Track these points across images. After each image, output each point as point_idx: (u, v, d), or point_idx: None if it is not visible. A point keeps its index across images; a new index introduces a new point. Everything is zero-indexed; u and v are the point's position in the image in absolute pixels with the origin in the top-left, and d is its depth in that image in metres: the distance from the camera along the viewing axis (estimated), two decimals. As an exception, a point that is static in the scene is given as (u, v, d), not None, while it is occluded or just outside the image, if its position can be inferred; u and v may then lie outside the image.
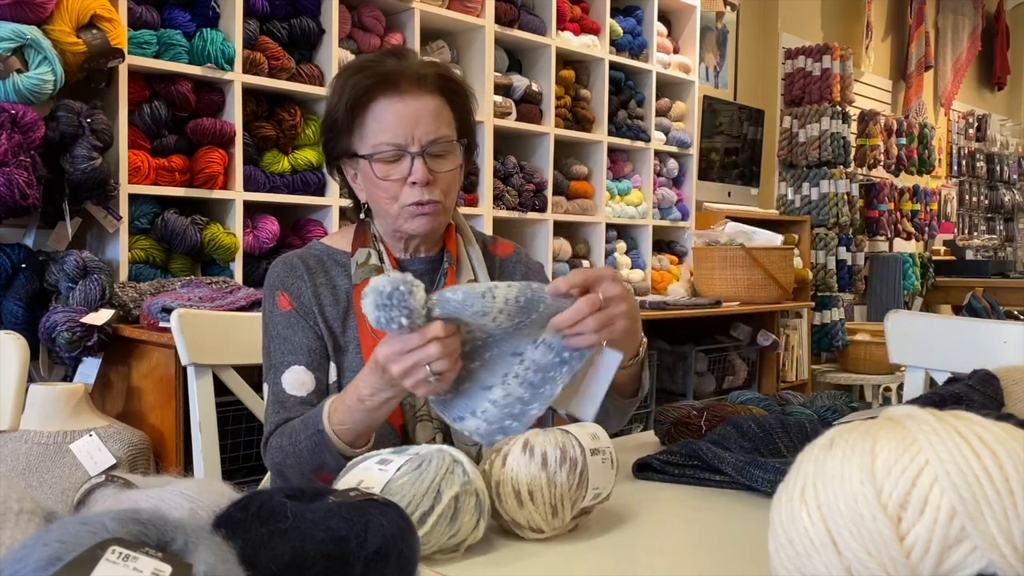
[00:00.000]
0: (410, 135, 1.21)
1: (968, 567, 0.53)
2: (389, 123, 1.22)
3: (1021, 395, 1.30)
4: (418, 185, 1.22)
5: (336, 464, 1.08)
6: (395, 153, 1.22)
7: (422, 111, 1.22)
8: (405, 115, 1.21)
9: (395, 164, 1.23)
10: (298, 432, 1.14)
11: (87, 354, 2.20)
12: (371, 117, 1.23)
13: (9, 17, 2.10)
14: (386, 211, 1.26)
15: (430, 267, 1.33)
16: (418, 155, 1.22)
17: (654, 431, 1.44)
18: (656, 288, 3.99)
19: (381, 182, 1.23)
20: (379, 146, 1.22)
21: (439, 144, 1.23)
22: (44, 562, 0.49)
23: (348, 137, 1.26)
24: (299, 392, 1.23)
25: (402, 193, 1.23)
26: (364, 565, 0.65)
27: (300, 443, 1.12)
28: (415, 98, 1.22)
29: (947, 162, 7.07)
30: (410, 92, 1.22)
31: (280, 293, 1.28)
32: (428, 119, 1.22)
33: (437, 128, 1.23)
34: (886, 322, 1.83)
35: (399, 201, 1.24)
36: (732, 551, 0.93)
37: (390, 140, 1.22)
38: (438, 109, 1.24)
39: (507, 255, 1.42)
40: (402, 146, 1.22)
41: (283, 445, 1.16)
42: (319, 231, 2.79)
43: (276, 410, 1.23)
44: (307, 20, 2.77)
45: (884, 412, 0.62)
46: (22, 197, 2.04)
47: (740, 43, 5.02)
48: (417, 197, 1.22)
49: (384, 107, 1.22)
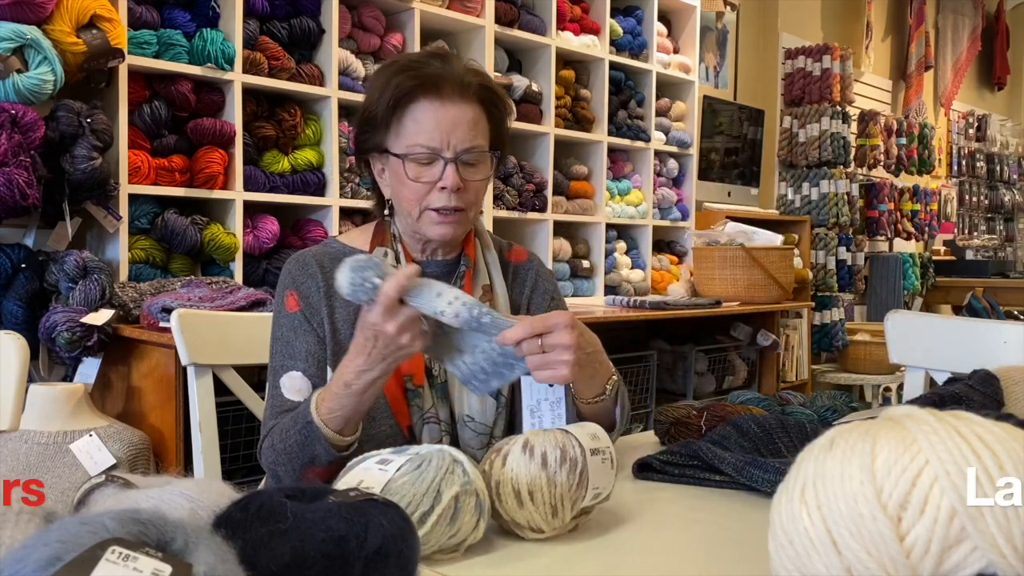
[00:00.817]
0: (446, 140, 1.22)
1: (968, 567, 0.53)
2: (427, 126, 1.22)
3: (1021, 395, 1.30)
4: (447, 191, 1.22)
5: (327, 455, 1.09)
6: (429, 156, 1.22)
7: (460, 118, 1.23)
8: (444, 120, 1.22)
9: (427, 167, 1.23)
10: (288, 428, 1.15)
11: (87, 354, 2.20)
12: (410, 117, 1.23)
13: (9, 17, 2.10)
14: (409, 212, 1.26)
15: (447, 270, 1.33)
16: (451, 161, 1.22)
17: (654, 431, 1.44)
18: (656, 288, 3.99)
19: (411, 183, 1.24)
20: (414, 147, 1.23)
21: (473, 153, 1.24)
22: (44, 562, 0.49)
23: (384, 133, 1.26)
24: (295, 397, 1.24)
25: (429, 196, 1.24)
26: (364, 565, 0.65)
27: (290, 438, 1.13)
28: (455, 105, 1.23)
29: (947, 162, 7.07)
30: (451, 98, 1.22)
31: (290, 292, 1.28)
32: (465, 127, 1.23)
33: (473, 137, 1.23)
34: (886, 322, 1.83)
35: (424, 203, 1.24)
36: (732, 551, 0.93)
37: (426, 143, 1.22)
38: (476, 118, 1.24)
39: (520, 262, 1.42)
40: (437, 150, 1.22)
41: (275, 444, 1.17)
42: (319, 231, 2.79)
43: (272, 414, 1.24)
44: (307, 20, 2.77)
45: (884, 412, 0.62)
46: (22, 197, 2.04)
47: (740, 43, 5.02)
48: (444, 202, 1.23)
49: (424, 109, 1.22)
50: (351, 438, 1.11)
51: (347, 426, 1.10)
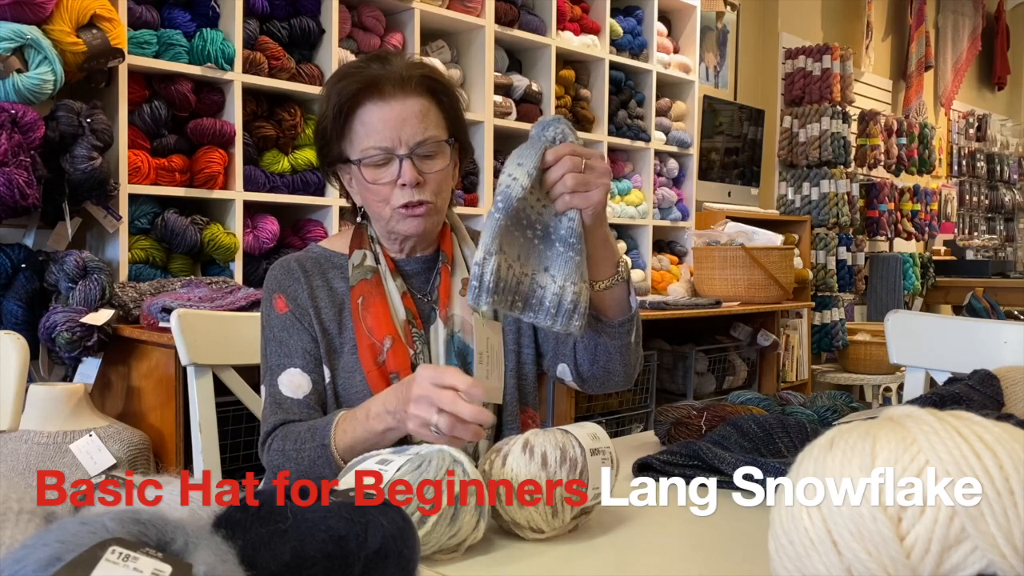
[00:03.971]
0: (396, 138, 1.22)
1: (968, 567, 0.53)
2: (376, 127, 1.23)
3: (1021, 395, 1.30)
4: (408, 187, 1.23)
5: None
6: (384, 156, 1.23)
7: (407, 113, 1.23)
8: (390, 118, 1.22)
9: (384, 167, 1.24)
10: (303, 440, 1.15)
11: (87, 354, 2.20)
12: (358, 122, 1.24)
13: (9, 17, 2.10)
14: (379, 214, 1.27)
15: (426, 267, 1.33)
16: (406, 157, 1.22)
17: (654, 431, 1.44)
18: (656, 288, 3.99)
19: (371, 186, 1.24)
20: (367, 151, 1.23)
21: (427, 145, 1.24)
22: (44, 562, 0.49)
23: (339, 143, 1.27)
24: (295, 394, 1.24)
25: (393, 195, 1.24)
26: (364, 565, 0.65)
27: (304, 451, 1.14)
28: (399, 101, 1.23)
29: (947, 162, 7.07)
30: (394, 95, 1.23)
31: (277, 296, 1.29)
32: (414, 120, 1.23)
33: (424, 129, 1.23)
34: (886, 322, 1.83)
35: (390, 203, 1.24)
36: (732, 551, 0.93)
37: (377, 144, 1.23)
38: (424, 110, 1.24)
39: None
40: (389, 149, 1.23)
41: (285, 449, 1.17)
42: (319, 231, 2.79)
43: (274, 411, 1.24)
44: (307, 20, 2.77)
45: (884, 412, 0.62)
46: (22, 197, 2.04)
47: (740, 43, 5.02)
48: (407, 198, 1.23)
49: (369, 111, 1.23)
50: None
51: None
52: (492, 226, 1.02)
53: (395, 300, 1.28)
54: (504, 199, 1.02)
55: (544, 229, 1.08)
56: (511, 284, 1.05)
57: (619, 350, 1.22)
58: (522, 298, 1.06)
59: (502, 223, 1.02)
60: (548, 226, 1.08)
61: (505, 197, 1.02)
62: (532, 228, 1.08)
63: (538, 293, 1.07)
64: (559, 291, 1.06)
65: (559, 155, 1.04)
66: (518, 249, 1.07)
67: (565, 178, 1.04)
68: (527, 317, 1.08)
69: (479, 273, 1.02)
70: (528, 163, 1.03)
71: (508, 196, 1.02)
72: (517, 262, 1.06)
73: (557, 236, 1.07)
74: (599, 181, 1.06)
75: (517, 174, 1.02)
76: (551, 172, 1.05)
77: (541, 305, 1.07)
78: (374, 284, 1.28)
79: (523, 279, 1.06)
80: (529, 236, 1.08)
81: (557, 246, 1.07)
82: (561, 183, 1.04)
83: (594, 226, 1.10)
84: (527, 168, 1.03)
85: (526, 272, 1.07)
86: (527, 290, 1.07)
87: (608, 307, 1.19)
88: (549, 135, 1.06)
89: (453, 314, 1.29)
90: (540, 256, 1.08)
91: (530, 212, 1.07)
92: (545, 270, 1.08)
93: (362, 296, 1.27)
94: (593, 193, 1.06)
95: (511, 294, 1.05)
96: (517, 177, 1.02)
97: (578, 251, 1.07)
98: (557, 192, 1.05)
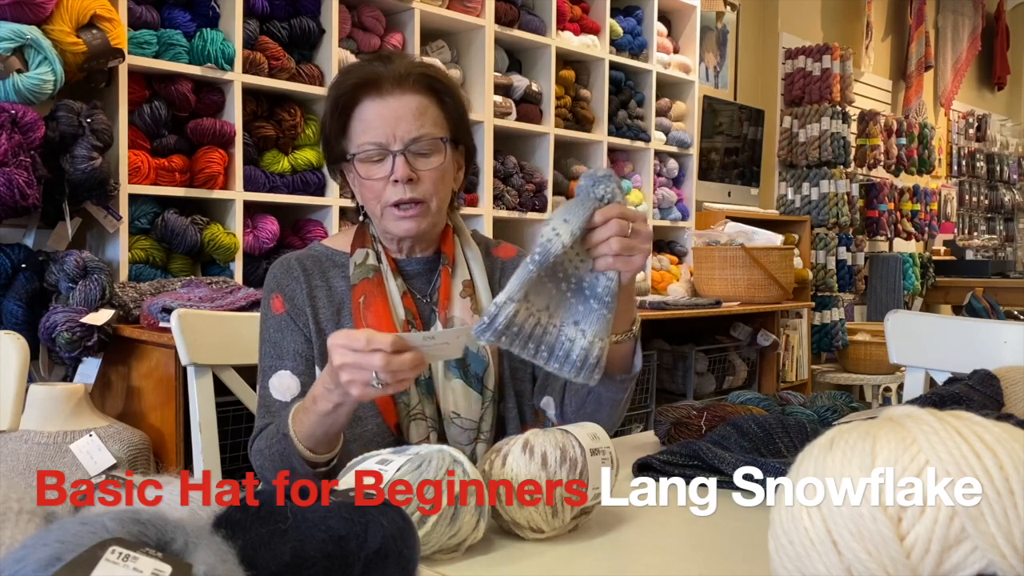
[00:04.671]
0: (391, 134, 1.22)
1: (968, 567, 0.53)
2: (372, 123, 1.23)
3: (1021, 395, 1.30)
4: (400, 183, 1.22)
5: (303, 470, 1.09)
6: (378, 152, 1.23)
7: (403, 109, 1.23)
8: (386, 115, 1.23)
9: (379, 164, 1.24)
10: (272, 436, 1.15)
11: (87, 354, 2.20)
12: (356, 118, 1.25)
13: (9, 17, 2.10)
14: (373, 211, 1.28)
15: (426, 267, 1.33)
16: (399, 153, 1.22)
17: (654, 431, 1.44)
18: (656, 288, 3.99)
19: (366, 181, 1.25)
20: (363, 146, 1.24)
21: (422, 142, 1.24)
22: (44, 562, 0.49)
23: (339, 140, 1.27)
24: (284, 397, 1.24)
25: (385, 192, 1.24)
26: (364, 565, 0.65)
27: (273, 447, 1.14)
28: (396, 98, 1.23)
29: (947, 162, 7.07)
30: (391, 92, 1.23)
31: (275, 295, 1.29)
32: (410, 117, 1.23)
33: (420, 126, 1.23)
34: (886, 322, 1.83)
35: (383, 200, 1.24)
36: (732, 551, 0.93)
37: (372, 139, 1.23)
38: (422, 108, 1.24)
39: (509, 258, 1.41)
40: (384, 145, 1.23)
41: (262, 448, 1.18)
42: (319, 231, 2.79)
43: (262, 414, 1.25)
44: (307, 20, 2.77)
45: (884, 412, 0.62)
46: (22, 197, 2.04)
47: (740, 43, 5.02)
48: (399, 196, 1.23)
49: (367, 108, 1.24)
50: (326, 456, 1.11)
51: (317, 445, 1.10)
52: (523, 275, 1.01)
53: (395, 300, 1.28)
54: (543, 253, 1.01)
55: (579, 283, 1.07)
56: (531, 331, 1.04)
57: (610, 403, 1.22)
58: (548, 348, 1.05)
59: (534, 275, 1.01)
60: (583, 281, 1.07)
61: (544, 251, 1.01)
62: (567, 281, 1.07)
63: (566, 346, 1.06)
64: (587, 346, 1.05)
65: (607, 217, 1.02)
66: (547, 299, 1.06)
67: (611, 241, 1.02)
68: (551, 367, 1.07)
69: (495, 313, 1.01)
70: (574, 221, 1.02)
71: (547, 251, 1.01)
72: (544, 311, 1.05)
73: (592, 293, 1.06)
74: (643, 247, 1.05)
75: (561, 230, 1.01)
76: (597, 232, 1.03)
77: (567, 358, 1.05)
78: (376, 283, 1.28)
79: (550, 329, 1.05)
80: (563, 289, 1.07)
81: (591, 303, 1.06)
82: (606, 245, 1.03)
83: (627, 286, 1.10)
84: (572, 227, 1.01)
85: (554, 323, 1.06)
86: (553, 341, 1.05)
87: (612, 360, 1.18)
88: (599, 192, 1.05)
89: (452, 316, 1.29)
90: (571, 309, 1.07)
91: (567, 265, 1.06)
92: (575, 323, 1.06)
93: (364, 295, 1.27)
94: (636, 258, 1.05)
95: (533, 341, 1.04)
96: (560, 233, 1.01)
97: (611, 309, 1.06)
98: (600, 252, 1.04)
